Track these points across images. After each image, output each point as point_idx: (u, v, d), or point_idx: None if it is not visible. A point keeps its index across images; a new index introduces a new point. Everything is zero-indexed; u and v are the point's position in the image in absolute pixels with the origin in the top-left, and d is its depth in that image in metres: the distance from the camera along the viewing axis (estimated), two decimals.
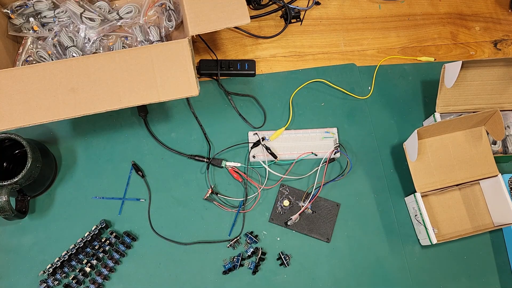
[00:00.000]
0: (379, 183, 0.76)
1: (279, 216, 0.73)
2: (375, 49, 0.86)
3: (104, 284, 0.69)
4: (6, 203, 0.63)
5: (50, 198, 0.73)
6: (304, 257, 0.72)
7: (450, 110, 0.76)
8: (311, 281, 0.71)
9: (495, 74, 0.75)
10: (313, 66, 0.83)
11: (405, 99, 0.82)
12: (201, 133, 0.77)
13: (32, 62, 0.74)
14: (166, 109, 0.79)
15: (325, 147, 0.76)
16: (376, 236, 0.73)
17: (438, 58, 0.86)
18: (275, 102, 0.80)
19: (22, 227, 0.71)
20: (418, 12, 0.89)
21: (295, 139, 0.77)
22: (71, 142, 0.76)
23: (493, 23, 0.90)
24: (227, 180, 0.75)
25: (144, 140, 0.77)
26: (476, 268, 0.73)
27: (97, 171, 0.74)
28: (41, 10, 0.75)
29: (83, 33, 0.75)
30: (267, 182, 0.74)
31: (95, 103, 0.61)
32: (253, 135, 0.76)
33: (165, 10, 0.78)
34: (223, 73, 0.80)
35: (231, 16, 0.64)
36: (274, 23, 0.86)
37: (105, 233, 0.72)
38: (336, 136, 0.77)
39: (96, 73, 0.61)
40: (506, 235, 0.74)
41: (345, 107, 0.81)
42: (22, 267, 0.69)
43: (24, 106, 0.60)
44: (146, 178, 0.74)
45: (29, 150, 0.65)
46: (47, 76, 0.61)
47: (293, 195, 0.74)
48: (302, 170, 0.76)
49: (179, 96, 0.62)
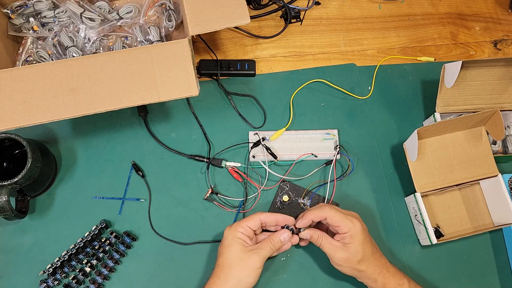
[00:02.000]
0: (379, 183, 0.76)
1: (278, 211, 0.73)
2: (375, 49, 0.86)
3: (104, 284, 0.69)
4: (6, 203, 0.63)
5: (50, 198, 0.73)
6: (304, 257, 0.72)
7: (450, 110, 0.76)
8: (311, 281, 0.71)
9: (495, 74, 0.75)
10: (313, 66, 0.83)
11: (405, 99, 0.82)
12: (201, 133, 0.77)
13: (32, 62, 0.74)
14: (166, 109, 0.79)
15: (325, 149, 0.76)
16: (376, 236, 0.73)
17: (438, 58, 0.86)
18: (275, 102, 0.80)
19: (22, 227, 0.71)
20: (418, 12, 0.89)
21: (295, 140, 0.77)
22: (71, 142, 0.76)
23: (493, 23, 0.90)
24: (227, 180, 0.75)
25: (144, 140, 0.77)
26: (476, 268, 0.73)
27: (97, 171, 0.74)
28: (41, 10, 0.75)
29: (83, 33, 0.75)
30: (267, 183, 0.74)
31: (95, 103, 0.61)
32: (254, 135, 0.77)
33: (165, 10, 0.78)
34: (223, 73, 0.80)
35: (231, 16, 0.64)
36: (274, 23, 0.86)
37: (105, 233, 0.72)
38: (337, 137, 0.77)
39: (96, 73, 0.61)
40: (506, 235, 0.74)
41: (345, 107, 0.81)
42: (22, 267, 0.69)
43: (24, 106, 0.60)
44: (146, 178, 0.74)
45: (29, 150, 0.65)
46: (47, 76, 0.61)
47: (293, 191, 0.74)
48: (302, 171, 0.76)
49: (179, 96, 0.62)
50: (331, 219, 0.63)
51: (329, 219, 0.64)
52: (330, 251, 0.63)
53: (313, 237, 0.65)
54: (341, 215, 0.63)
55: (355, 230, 0.62)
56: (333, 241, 0.64)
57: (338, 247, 0.63)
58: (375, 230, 0.74)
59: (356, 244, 0.62)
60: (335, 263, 0.64)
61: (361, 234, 0.62)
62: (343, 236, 0.63)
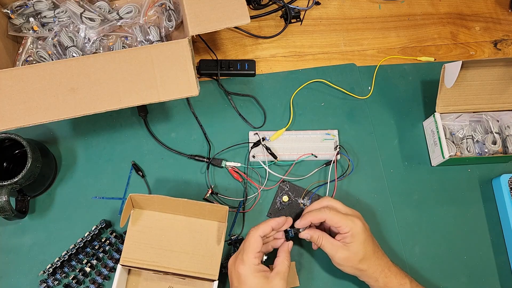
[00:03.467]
0: (379, 183, 0.76)
1: (278, 211, 0.73)
2: (375, 49, 0.86)
3: (104, 284, 0.69)
4: (6, 203, 0.63)
5: (50, 198, 0.73)
6: (304, 257, 0.72)
7: (450, 110, 0.76)
8: (311, 280, 0.71)
9: (495, 74, 0.75)
10: (313, 66, 0.83)
11: (405, 99, 0.82)
12: (201, 133, 0.77)
13: (32, 62, 0.74)
14: (166, 109, 0.79)
15: (325, 149, 0.76)
16: (376, 236, 0.72)
17: (438, 58, 0.86)
18: (275, 102, 0.80)
19: (22, 227, 0.71)
20: (418, 12, 0.89)
21: (295, 140, 0.77)
22: (71, 142, 0.76)
23: (493, 23, 0.90)
24: (227, 180, 0.75)
25: (144, 140, 0.77)
26: (476, 268, 0.73)
27: (97, 171, 0.74)
28: (41, 10, 0.75)
29: (83, 33, 0.75)
30: (267, 183, 0.74)
31: (95, 103, 0.61)
32: (254, 135, 0.77)
33: (165, 10, 0.78)
34: (223, 73, 0.80)
35: (231, 16, 0.64)
36: (274, 23, 0.86)
37: (105, 233, 0.72)
38: (337, 138, 0.77)
39: (96, 73, 0.61)
40: (506, 235, 0.74)
41: (345, 107, 0.81)
42: (22, 267, 0.69)
43: (24, 106, 0.60)
44: (146, 178, 0.74)
45: (29, 150, 0.65)
46: (47, 76, 0.61)
47: (293, 191, 0.74)
48: (302, 171, 0.76)
49: (179, 96, 0.62)
50: (331, 221, 0.63)
51: (329, 221, 0.63)
52: (331, 251, 0.63)
53: (313, 237, 0.65)
54: (341, 216, 0.63)
55: (356, 230, 0.62)
56: (334, 241, 0.63)
57: (339, 247, 0.63)
58: (375, 230, 0.74)
59: (357, 244, 0.62)
60: (336, 262, 0.64)
61: (362, 233, 0.62)
62: (344, 236, 0.63)
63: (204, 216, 0.66)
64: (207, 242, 0.66)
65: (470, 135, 0.76)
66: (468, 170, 0.78)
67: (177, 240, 0.66)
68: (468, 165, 0.78)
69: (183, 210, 0.66)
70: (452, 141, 0.76)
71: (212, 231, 0.66)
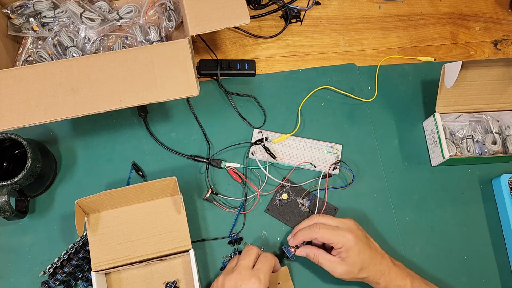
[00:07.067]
0: (379, 183, 0.76)
1: (276, 208, 0.73)
2: (375, 49, 0.86)
3: None
4: (6, 203, 0.63)
5: (50, 198, 0.73)
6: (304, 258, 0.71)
7: (450, 110, 0.76)
8: (311, 280, 0.71)
9: (495, 74, 0.75)
10: (313, 66, 0.83)
11: (405, 99, 0.82)
12: (201, 133, 0.77)
13: (32, 62, 0.74)
14: (166, 109, 0.79)
15: (325, 161, 0.76)
16: (376, 236, 0.72)
17: (438, 58, 0.86)
18: (275, 102, 0.80)
19: (22, 227, 0.71)
20: (418, 12, 0.89)
21: (297, 146, 0.77)
22: (71, 142, 0.76)
23: (493, 23, 0.90)
24: (227, 180, 0.75)
25: (144, 140, 0.77)
26: (476, 268, 0.73)
27: (97, 171, 0.74)
28: (41, 10, 0.75)
29: (83, 33, 0.75)
30: (265, 187, 0.74)
31: (95, 103, 0.61)
32: (258, 133, 0.76)
33: (165, 10, 0.78)
34: (223, 73, 0.80)
35: (231, 16, 0.64)
36: (274, 23, 0.86)
37: None
38: (340, 153, 0.76)
39: (96, 73, 0.61)
40: (506, 235, 0.74)
41: (345, 107, 0.81)
42: (22, 267, 0.69)
43: (24, 106, 0.60)
44: (146, 178, 0.74)
45: (29, 150, 0.65)
46: (47, 76, 0.61)
47: (293, 190, 0.74)
48: (299, 178, 0.75)
49: (179, 96, 0.62)
50: (322, 238, 0.63)
51: (320, 239, 0.64)
52: (329, 268, 0.64)
53: (309, 255, 0.65)
54: (331, 233, 0.63)
55: (349, 244, 0.62)
56: (331, 257, 0.64)
57: (337, 263, 0.63)
58: (375, 230, 0.74)
59: (353, 256, 0.62)
60: (337, 277, 0.64)
61: (355, 245, 0.62)
62: (339, 251, 0.63)
63: (157, 195, 0.68)
64: (169, 218, 0.67)
65: (470, 135, 0.76)
66: (468, 170, 0.78)
67: (140, 228, 0.67)
68: (468, 165, 0.78)
69: (135, 197, 0.67)
70: (452, 141, 0.76)
71: (170, 206, 0.68)
